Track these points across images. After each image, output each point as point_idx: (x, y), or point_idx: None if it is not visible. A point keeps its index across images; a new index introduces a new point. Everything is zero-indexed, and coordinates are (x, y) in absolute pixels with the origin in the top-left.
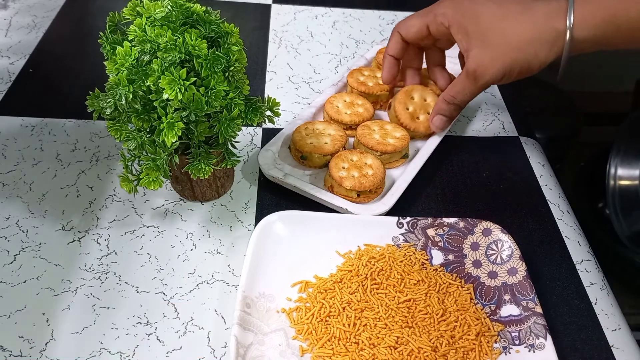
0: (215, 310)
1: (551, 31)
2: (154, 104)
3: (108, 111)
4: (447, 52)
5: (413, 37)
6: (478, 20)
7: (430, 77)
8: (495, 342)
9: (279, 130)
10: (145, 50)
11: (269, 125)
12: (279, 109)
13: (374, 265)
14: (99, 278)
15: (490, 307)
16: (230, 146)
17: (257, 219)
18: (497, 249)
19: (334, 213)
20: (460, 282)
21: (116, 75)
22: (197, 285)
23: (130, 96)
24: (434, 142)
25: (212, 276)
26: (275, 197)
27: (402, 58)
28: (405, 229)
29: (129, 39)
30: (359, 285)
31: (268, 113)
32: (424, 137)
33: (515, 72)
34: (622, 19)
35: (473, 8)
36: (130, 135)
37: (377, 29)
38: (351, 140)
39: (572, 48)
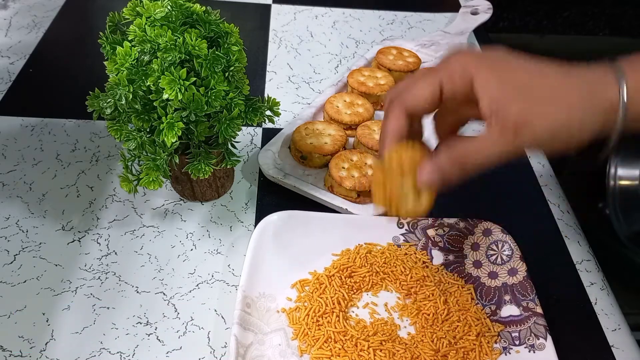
0: (215, 310)
1: (601, 99)
2: (154, 104)
3: (108, 111)
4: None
5: (422, 110)
6: (515, 73)
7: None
8: (496, 342)
9: (279, 130)
10: (145, 50)
11: (269, 125)
12: (279, 109)
13: (374, 257)
14: (99, 278)
15: (490, 308)
16: (230, 146)
17: (257, 219)
18: (498, 250)
19: (334, 213)
20: (461, 282)
21: (116, 75)
22: (197, 285)
23: (130, 96)
24: (434, 142)
25: (212, 276)
26: (275, 197)
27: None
28: (406, 229)
29: (129, 39)
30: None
31: (268, 113)
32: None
33: (562, 137)
34: None
35: (503, 59)
36: (130, 135)
37: (377, 29)
38: (351, 140)
39: (626, 123)
